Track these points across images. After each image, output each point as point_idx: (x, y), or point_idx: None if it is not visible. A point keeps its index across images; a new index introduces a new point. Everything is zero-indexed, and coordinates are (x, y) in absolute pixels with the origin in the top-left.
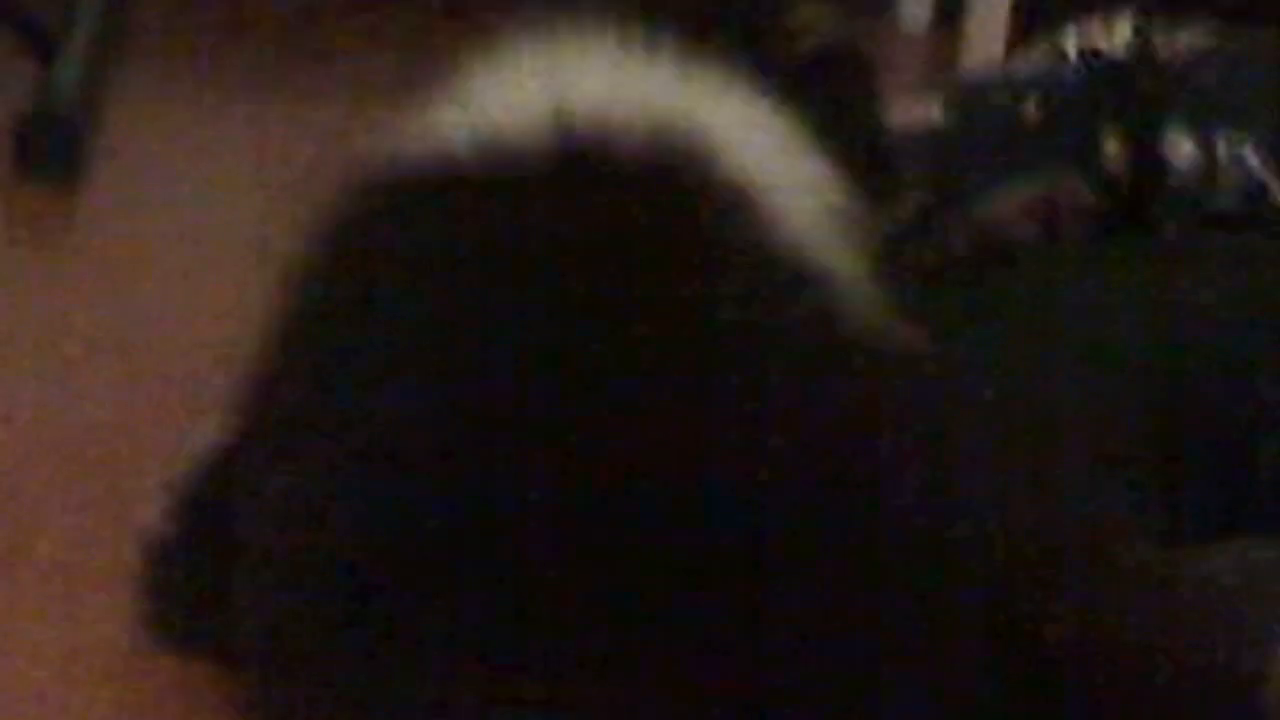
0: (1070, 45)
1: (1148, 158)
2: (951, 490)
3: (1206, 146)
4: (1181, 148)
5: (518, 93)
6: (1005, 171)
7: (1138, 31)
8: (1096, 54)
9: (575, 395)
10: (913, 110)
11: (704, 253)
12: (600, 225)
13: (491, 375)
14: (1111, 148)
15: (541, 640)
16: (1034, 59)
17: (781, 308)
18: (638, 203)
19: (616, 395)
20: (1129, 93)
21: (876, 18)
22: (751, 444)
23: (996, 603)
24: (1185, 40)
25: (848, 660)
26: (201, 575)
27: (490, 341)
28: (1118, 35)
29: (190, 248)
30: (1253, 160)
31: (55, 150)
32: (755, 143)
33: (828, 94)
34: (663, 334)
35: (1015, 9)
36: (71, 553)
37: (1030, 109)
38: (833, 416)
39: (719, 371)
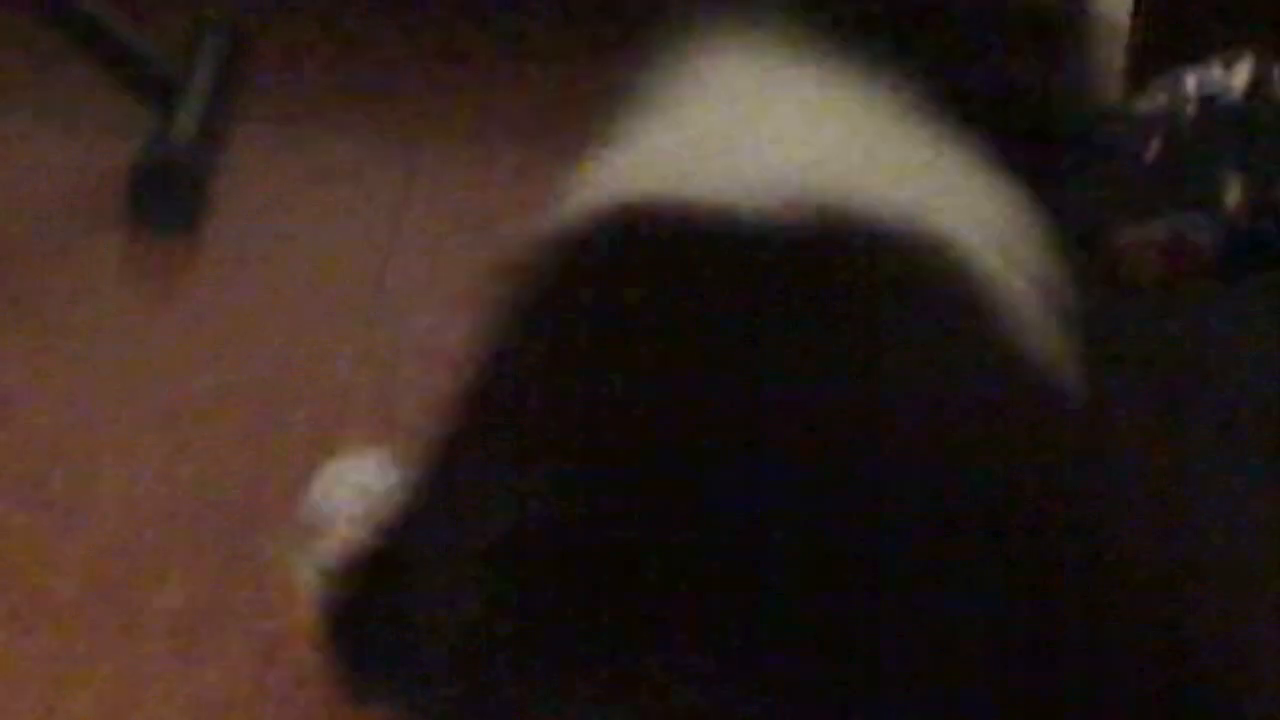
0: (1190, 85)
1: (1268, 199)
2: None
3: None
4: None
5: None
6: (1129, 211)
7: (1257, 72)
8: (1216, 95)
9: (801, 465)
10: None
11: (937, 331)
12: (837, 289)
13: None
14: (1233, 188)
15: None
16: (1155, 99)
17: (1010, 386)
18: (874, 271)
19: (845, 465)
20: (1248, 133)
21: None
22: (977, 519)
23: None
24: None
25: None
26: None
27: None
28: (1237, 76)
29: (308, 294)
30: None
31: (174, 198)
32: (986, 215)
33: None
34: (890, 398)
35: (1131, 49)
36: (193, 599)
37: (1153, 149)
38: (1053, 494)
39: (955, 451)
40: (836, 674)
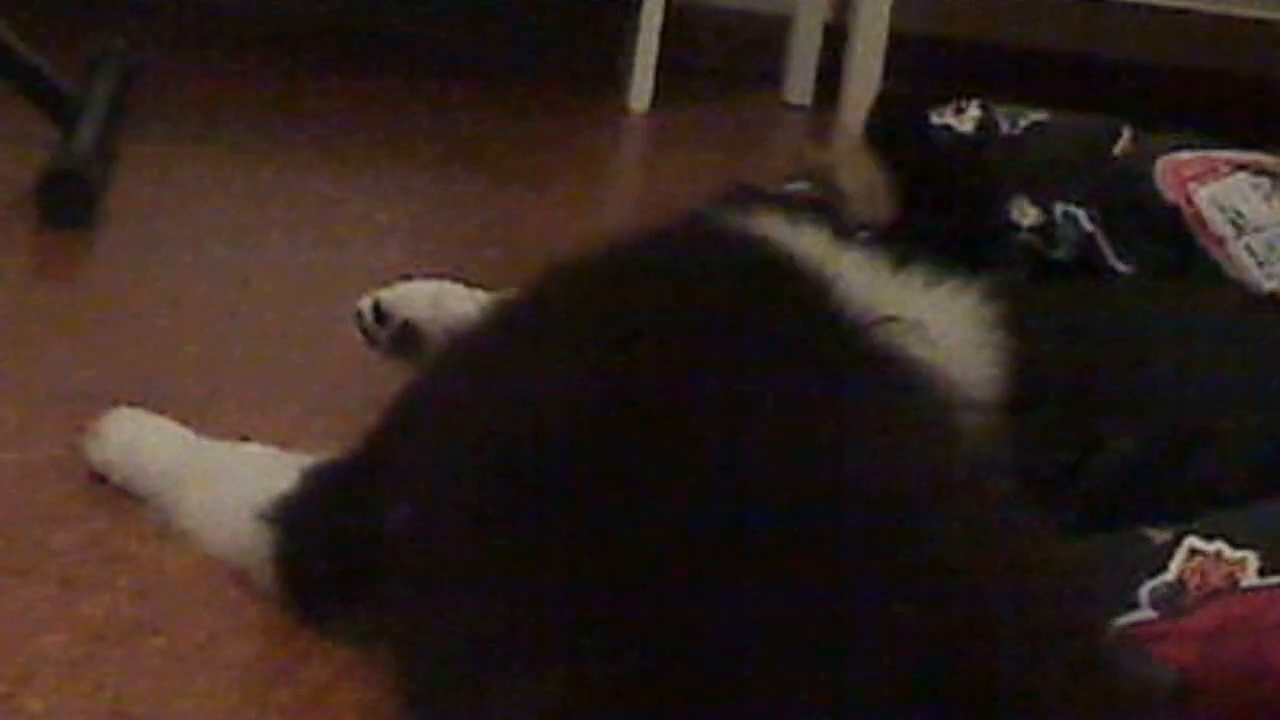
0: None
1: (984, 215)
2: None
3: (1046, 209)
4: (1027, 211)
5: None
6: None
7: (983, 113)
8: (949, 131)
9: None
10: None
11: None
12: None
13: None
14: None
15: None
16: None
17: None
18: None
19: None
20: (974, 161)
21: (765, 91)
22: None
23: None
24: (1023, 120)
25: None
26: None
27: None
28: (968, 116)
29: (185, 289)
30: (1083, 219)
31: (73, 203)
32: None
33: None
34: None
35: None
36: (80, 545)
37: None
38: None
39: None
40: None
